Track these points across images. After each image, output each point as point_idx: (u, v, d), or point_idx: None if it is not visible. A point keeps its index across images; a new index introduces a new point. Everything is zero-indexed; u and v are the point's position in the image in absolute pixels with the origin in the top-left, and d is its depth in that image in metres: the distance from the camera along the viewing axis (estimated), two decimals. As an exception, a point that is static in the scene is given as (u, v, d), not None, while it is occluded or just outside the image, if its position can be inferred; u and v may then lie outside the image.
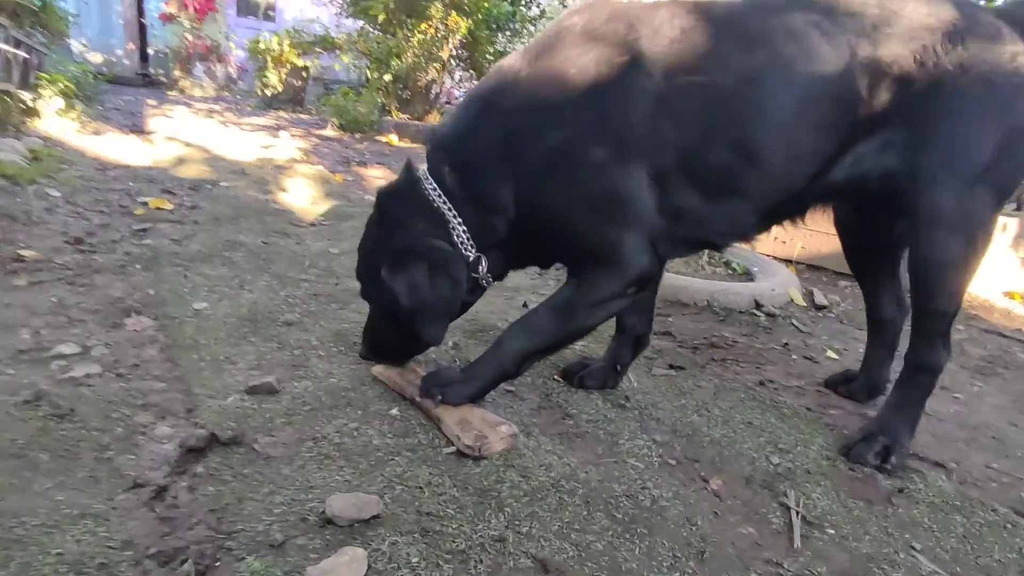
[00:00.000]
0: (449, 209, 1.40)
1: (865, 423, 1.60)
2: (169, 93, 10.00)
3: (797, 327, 2.45)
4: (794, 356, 2.17)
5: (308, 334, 1.81)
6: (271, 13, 11.99)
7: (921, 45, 1.32)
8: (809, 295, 2.82)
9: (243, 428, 1.29)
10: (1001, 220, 3.22)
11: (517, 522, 1.11)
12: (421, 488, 1.16)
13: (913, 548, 1.21)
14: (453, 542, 1.03)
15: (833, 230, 3.60)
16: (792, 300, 2.67)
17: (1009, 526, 1.31)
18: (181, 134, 5.40)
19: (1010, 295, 3.32)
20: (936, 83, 1.32)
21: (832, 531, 1.24)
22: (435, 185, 1.41)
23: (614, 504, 1.21)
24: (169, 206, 3.20)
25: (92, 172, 3.78)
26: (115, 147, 4.52)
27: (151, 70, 11.30)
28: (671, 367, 1.91)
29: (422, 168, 1.45)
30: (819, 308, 2.71)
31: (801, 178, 1.38)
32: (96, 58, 10.54)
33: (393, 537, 1.02)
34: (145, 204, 3.17)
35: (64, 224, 2.67)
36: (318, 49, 8.94)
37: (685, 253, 1.55)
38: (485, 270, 1.45)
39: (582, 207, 1.35)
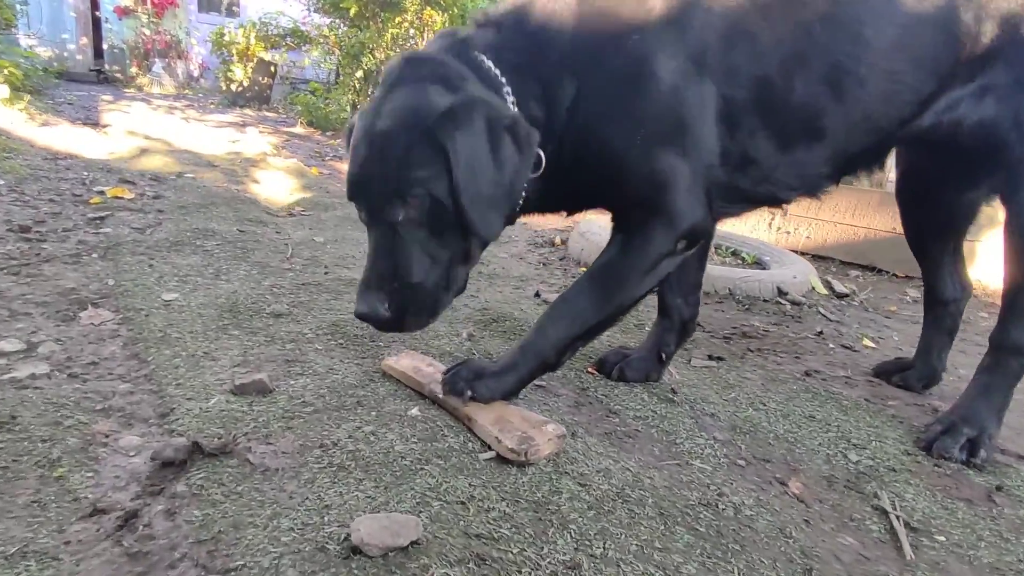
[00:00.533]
0: (504, 83, 1.11)
1: (944, 412, 1.42)
2: (126, 90, 9.47)
3: (825, 316, 2.30)
4: (831, 345, 2.00)
5: (301, 326, 1.56)
6: (235, 9, 11.54)
7: None
8: (827, 283, 2.67)
9: (233, 435, 1.04)
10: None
11: (587, 542, 0.89)
12: (464, 504, 0.93)
13: (1036, 555, 1.04)
14: (519, 572, 0.81)
15: (840, 219, 3.47)
16: (813, 288, 2.52)
17: (1126, 524, 1.15)
18: (140, 128, 5.03)
19: None
20: None
21: (942, 538, 1.05)
22: (485, 56, 1.12)
23: (692, 516, 1.00)
24: (129, 195, 2.88)
25: (41, 162, 3.43)
26: (67, 138, 4.15)
27: (106, 66, 10.72)
28: (710, 357, 1.72)
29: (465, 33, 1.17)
30: (840, 296, 2.57)
31: (893, 121, 1.20)
32: (46, 52, 9.94)
33: (442, 569, 0.79)
34: (102, 193, 2.85)
35: (7, 212, 2.35)
36: (287, 42, 8.58)
37: (738, 212, 1.29)
38: (542, 166, 1.13)
39: (639, 125, 1.12)
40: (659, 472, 1.12)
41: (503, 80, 1.10)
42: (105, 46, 10.80)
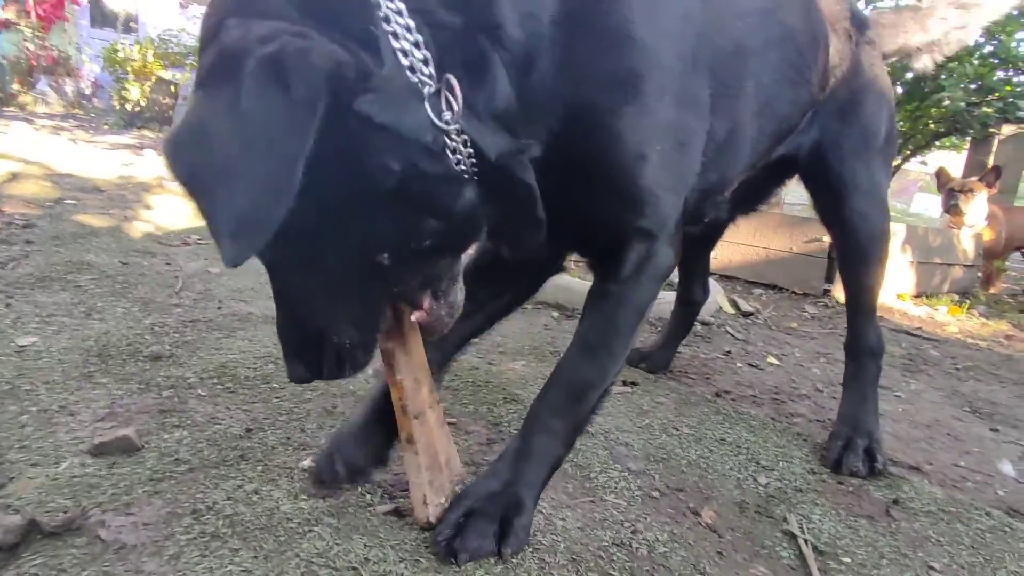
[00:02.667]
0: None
1: (835, 428, 1.47)
2: (5, 109, 8.64)
3: (732, 335, 2.36)
4: (739, 364, 2.05)
5: (183, 369, 1.41)
6: (132, 24, 10.89)
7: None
8: (734, 303, 2.77)
9: (82, 507, 0.90)
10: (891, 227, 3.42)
11: (493, 601, 0.82)
12: (356, 568, 0.83)
13: (933, 568, 1.07)
14: (413, 648, 0.72)
15: (743, 240, 3.64)
16: (721, 308, 2.60)
17: (1008, 529, 1.21)
18: (15, 150, 4.57)
19: (900, 296, 3.52)
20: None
21: (847, 559, 1.06)
22: None
23: (606, 558, 0.95)
24: (-8, 225, 2.57)
25: None
26: (-79, 160, 3.69)
27: (-19, 83, 9.77)
28: (624, 383, 1.70)
29: None
30: (746, 315, 2.67)
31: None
32: (-95, 66, 8.96)
33: (324, 654, 0.69)
34: (-43, 223, 2.52)
35: None
36: (189, 62, 8.15)
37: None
38: (459, 102, 0.70)
39: (643, 134, 0.89)
40: (572, 512, 1.07)
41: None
42: (-20, 61, 9.84)
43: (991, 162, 7.07)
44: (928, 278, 3.71)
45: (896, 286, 3.49)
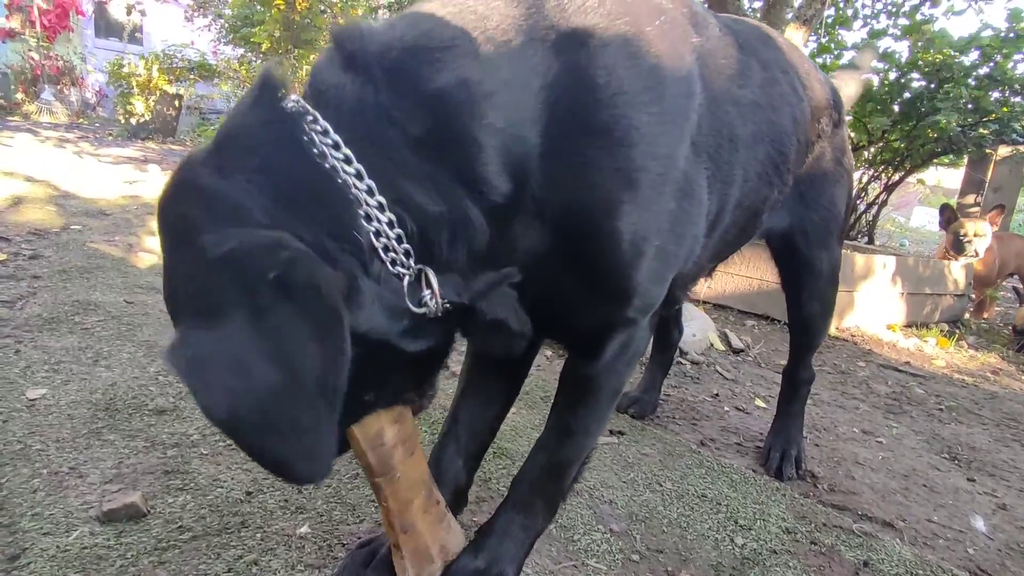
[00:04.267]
0: (358, 178, 0.68)
1: (770, 440, 1.76)
2: (9, 119, 8.73)
3: (722, 374, 2.42)
4: (726, 408, 2.11)
5: (186, 424, 1.47)
6: (138, 35, 10.99)
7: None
8: (724, 337, 2.83)
9: (93, 581, 0.96)
10: (881, 259, 3.48)
11: None
12: (348, 646, 0.89)
13: (897, 636, 1.12)
14: None
15: (736, 271, 3.70)
16: (712, 345, 2.66)
17: (972, 593, 1.27)
18: (21, 167, 4.64)
19: (891, 327, 3.58)
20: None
21: (815, 627, 1.12)
22: (332, 125, 0.68)
23: (584, 629, 1.01)
24: (1, 256, 2.63)
25: None
26: (-71, 182, 3.76)
27: (-14, 91, 9.87)
28: (611, 432, 1.76)
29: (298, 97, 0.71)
30: (736, 352, 2.73)
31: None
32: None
33: None
34: (-35, 255, 2.59)
35: None
36: (193, 76, 8.24)
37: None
38: (437, 294, 0.74)
39: (644, 221, 0.86)
40: (554, 578, 1.13)
41: (355, 173, 0.68)
42: (-15, 70, 9.94)
43: (988, 177, 7.16)
44: (919, 308, 3.78)
45: (886, 317, 3.55)
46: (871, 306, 3.46)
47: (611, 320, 0.95)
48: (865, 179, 7.73)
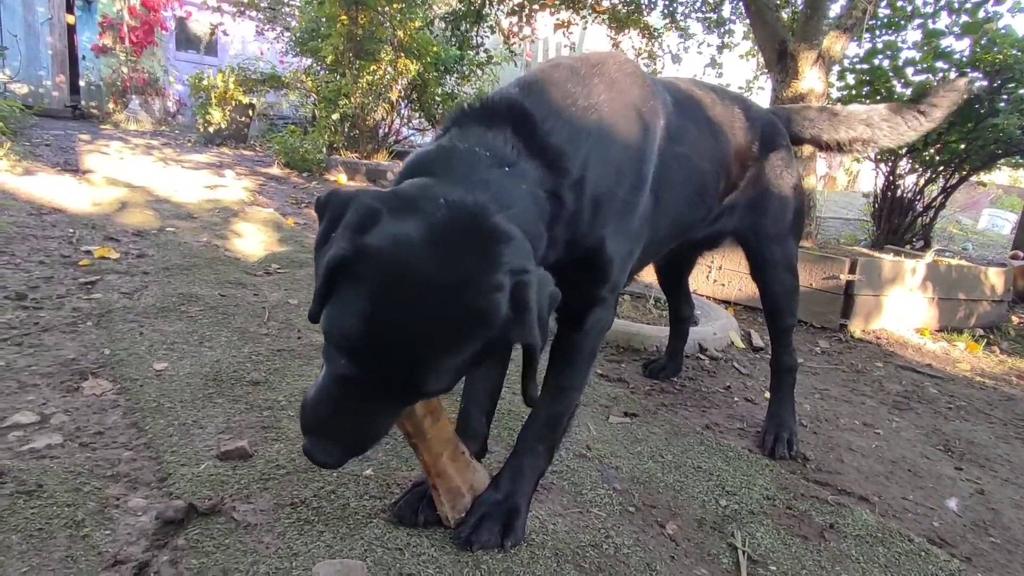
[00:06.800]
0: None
1: (767, 425, 2.02)
2: (102, 127, 9.66)
3: (738, 369, 2.64)
4: (736, 398, 2.34)
5: (275, 393, 1.84)
6: (214, 47, 11.85)
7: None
8: (747, 337, 3.03)
9: (220, 496, 1.31)
10: (910, 264, 3.58)
11: (493, 578, 1.19)
12: (401, 550, 1.21)
13: (845, 581, 1.36)
14: (436, 603, 1.09)
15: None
16: (732, 343, 2.87)
17: (923, 554, 1.48)
18: (120, 174, 5.26)
19: (920, 331, 3.67)
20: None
21: (774, 567, 1.37)
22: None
23: (581, 554, 1.30)
24: (115, 255, 3.12)
25: (26, 218, 3.64)
26: (50, 189, 4.35)
27: (82, 102, 10.89)
28: (626, 414, 2.03)
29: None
30: (756, 350, 2.93)
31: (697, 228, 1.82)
32: (21, 89, 10.09)
33: (379, 601, 1.07)
34: (89, 253, 3.08)
35: (1, 277, 2.58)
36: (264, 87, 8.89)
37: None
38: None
39: (624, 234, 1.33)
40: (562, 519, 1.42)
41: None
42: (82, 83, 10.97)
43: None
44: (951, 313, 3.83)
45: (915, 321, 3.64)
46: (899, 310, 3.57)
47: (593, 297, 1.36)
48: (922, 182, 7.59)
